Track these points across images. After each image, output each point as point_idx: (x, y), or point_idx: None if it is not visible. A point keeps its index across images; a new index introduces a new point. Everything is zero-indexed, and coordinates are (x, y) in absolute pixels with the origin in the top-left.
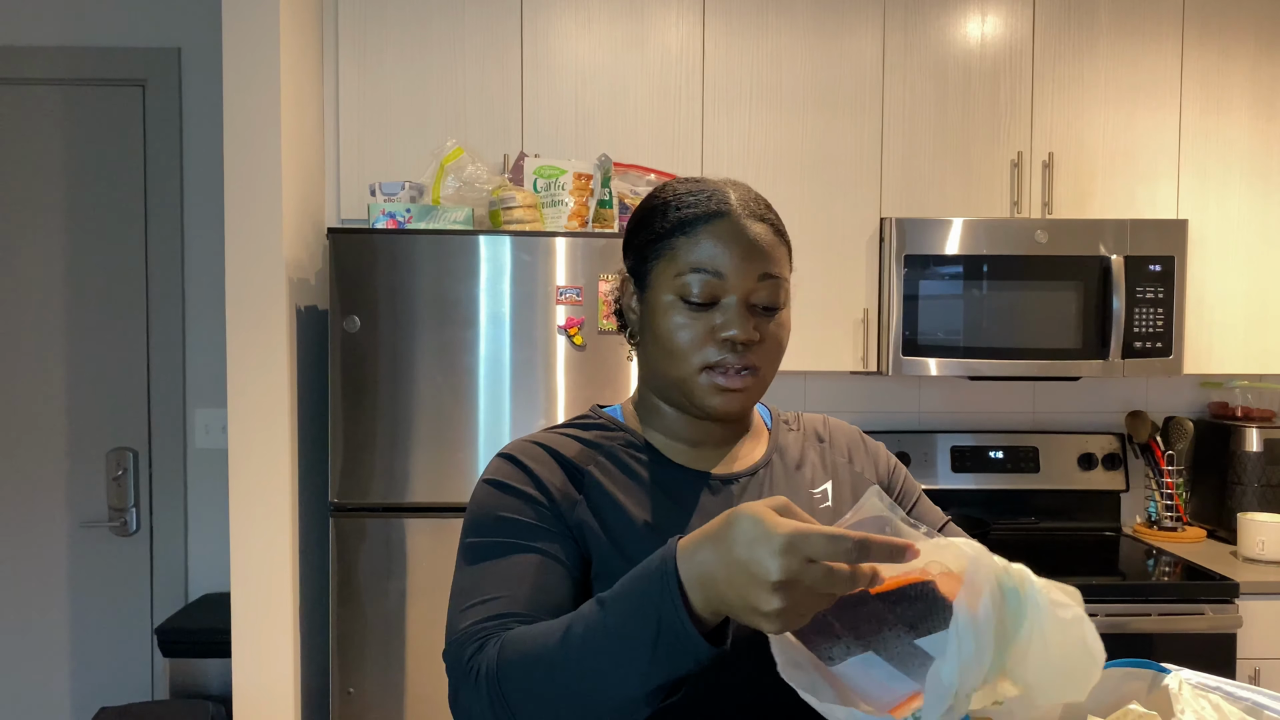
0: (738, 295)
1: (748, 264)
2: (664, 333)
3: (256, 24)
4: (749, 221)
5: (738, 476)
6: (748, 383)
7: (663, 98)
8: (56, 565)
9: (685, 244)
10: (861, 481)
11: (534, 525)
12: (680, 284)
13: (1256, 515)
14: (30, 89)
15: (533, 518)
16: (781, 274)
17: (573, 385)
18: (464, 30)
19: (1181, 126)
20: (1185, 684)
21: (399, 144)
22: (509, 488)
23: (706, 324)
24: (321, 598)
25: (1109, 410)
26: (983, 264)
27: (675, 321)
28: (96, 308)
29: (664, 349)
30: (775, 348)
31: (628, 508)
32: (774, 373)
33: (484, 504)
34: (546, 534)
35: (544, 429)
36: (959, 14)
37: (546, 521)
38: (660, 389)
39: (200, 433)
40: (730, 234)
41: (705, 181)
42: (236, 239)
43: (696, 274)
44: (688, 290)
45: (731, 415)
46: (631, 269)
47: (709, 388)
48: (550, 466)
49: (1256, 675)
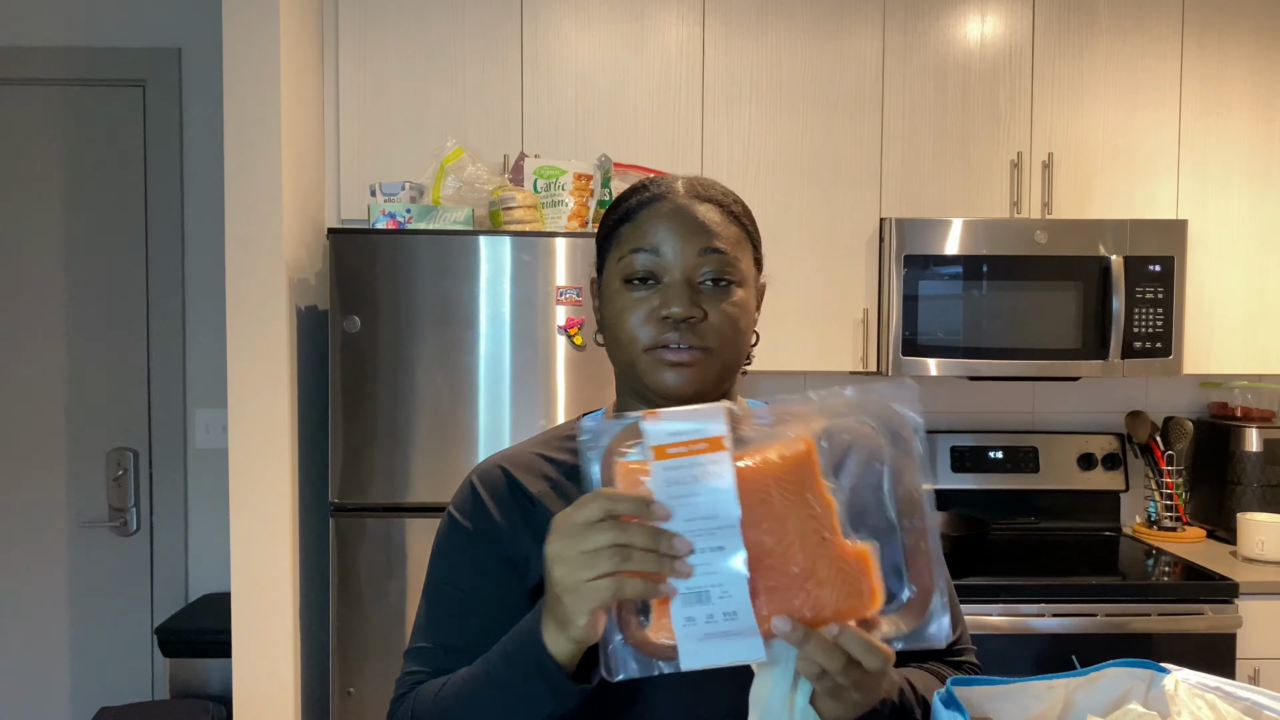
0: (680, 272)
1: (688, 241)
2: (612, 319)
3: (256, 24)
4: (692, 202)
5: None
6: (696, 357)
7: (662, 98)
8: (56, 565)
9: (629, 230)
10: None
11: (470, 564)
12: (623, 266)
13: (1256, 515)
14: (30, 89)
15: (478, 557)
16: (730, 250)
17: (573, 385)
18: (464, 30)
19: (1181, 126)
20: (1182, 684)
21: (399, 144)
22: (457, 526)
23: (649, 304)
24: (321, 598)
25: (1109, 410)
26: (982, 264)
27: (620, 305)
28: (96, 308)
29: (614, 337)
30: (728, 326)
31: None
32: (735, 354)
33: (439, 537)
34: (486, 575)
35: (522, 441)
36: (959, 14)
37: (482, 560)
38: (625, 383)
39: (200, 433)
40: (670, 213)
41: (660, 177)
42: (236, 239)
43: (635, 253)
44: (630, 269)
45: (688, 394)
46: (596, 268)
47: (656, 363)
48: (501, 496)
49: (1256, 675)
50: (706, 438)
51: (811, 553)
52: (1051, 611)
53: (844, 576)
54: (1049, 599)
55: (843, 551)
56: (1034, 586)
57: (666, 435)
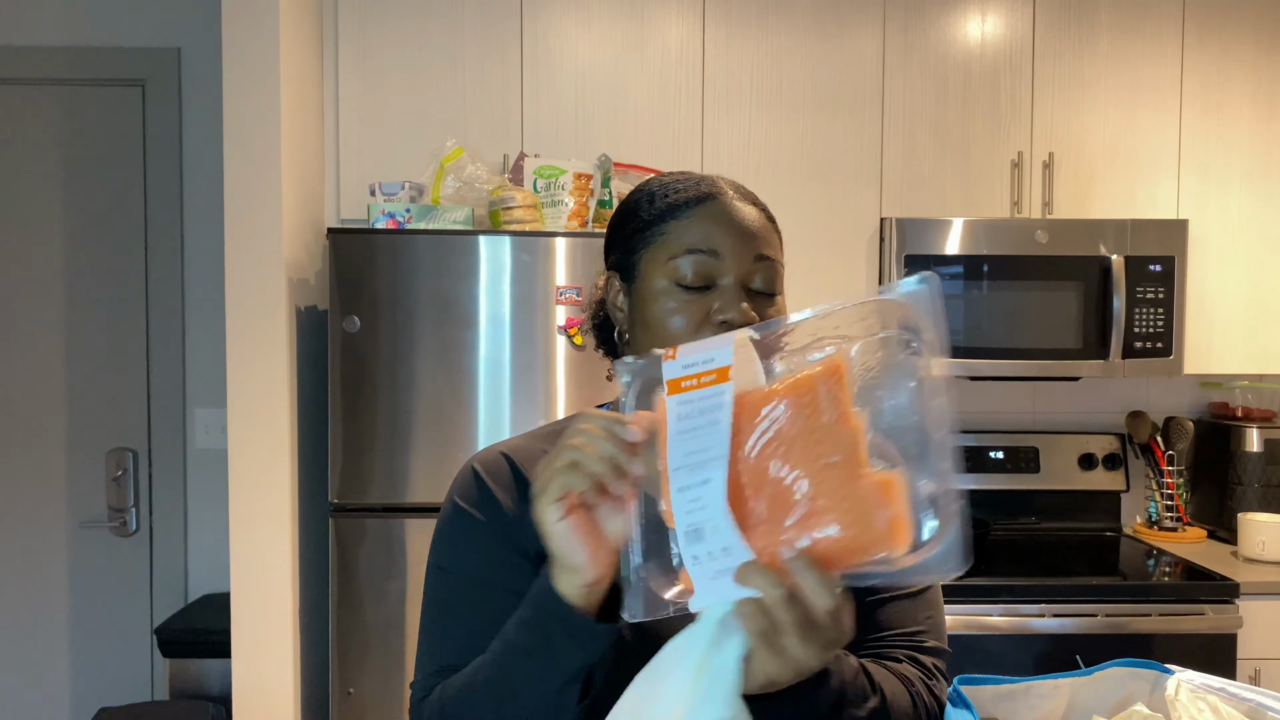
0: (734, 276)
1: (743, 245)
2: (656, 320)
3: (256, 24)
4: (741, 204)
5: None
6: None
7: (662, 98)
8: (56, 565)
9: (676, 227)
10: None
11: (482, 555)
12: (673, 267)
13: (1257, 515)
14: (30, 89)
15: (490, 546)
16: (777, 258)
17: (573, 385)
18: (464, 30)
19: (1181, 126)
20: (1183, 687)
21: (399, 144)
22: (463, 513)
23: (702, 307)
24: (321, 598)
25: (1109, 410)
26: (983, 264)
27: (668, 307)
28: (96, 308)
29: (656, 337)
30: None
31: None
32: None
33: (442, 526)
34: (494, 562)
35: (520, 434)
36: (959, 14)
37: (494, 549)
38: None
39: (200, 433)
40: (724, 215)
41: (690, 172)
42: (236, 239)
43: (691, 255)
44: (681, 273)
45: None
46: (616, 264)
47: None
48: (506, 483)
49: (1257, 675)
50: (715, 368)
51: (820, 480)
52: (1052, 612)
53: (857, 506)
54: (1049, 599)
55: (859, 479)
56: (1034, 587)
57: (680, 369)
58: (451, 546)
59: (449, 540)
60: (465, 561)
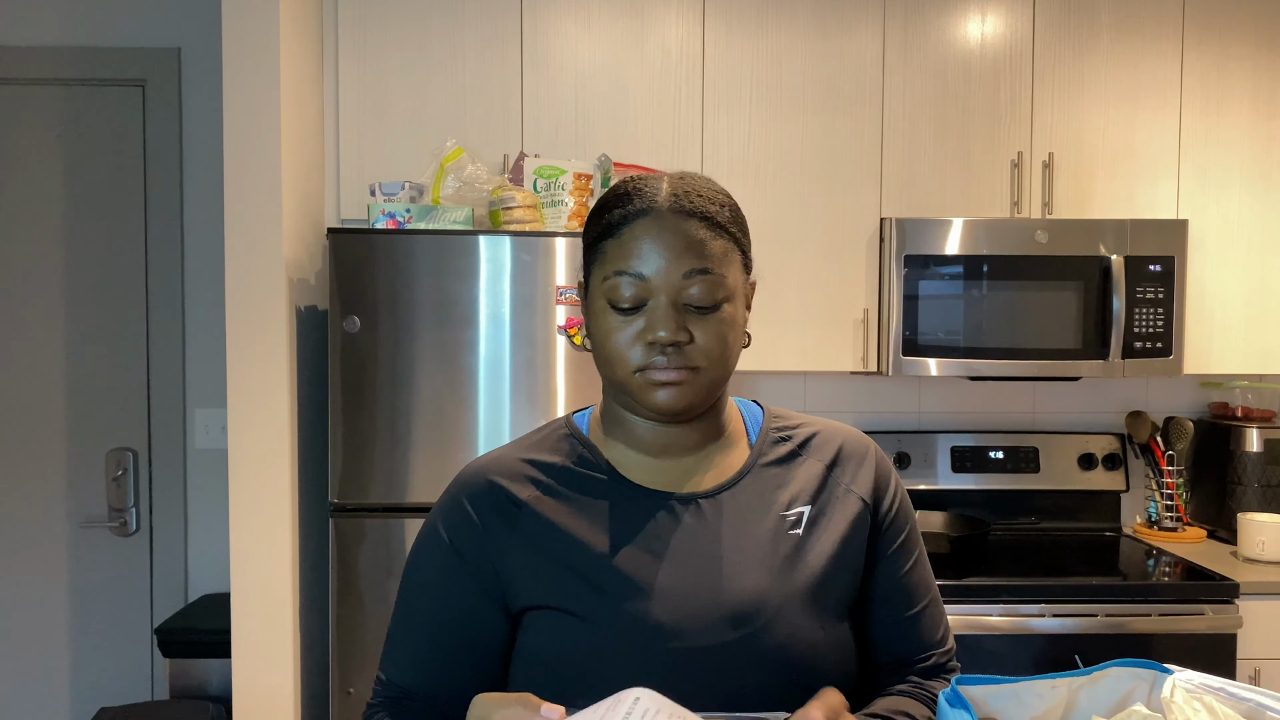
0: (665, 296)
1: (673, 263)
2: (599, 337)
3: (256, 24)
4: (677, 218)
5: (699, 496)
6: (684, 376)
7: (662, 97)
8: (56, 565)
9: (612, 247)
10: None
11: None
12: (609, 287)
13: (1256, 515)
14: (30, 89)
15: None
16: (717, 269)
17: (573, 385)
18: (463, 30)
19: (1181, 126)
20: (1179, 689)
21: (399, 144)
22: (437, 538)
23: (635, 327)
24: (321, 598)
25: (1109, 410)
26: (983, 264)
27: (606, 327)
28: (96, 308)
29: (601, 354)
30: (716, 345)
31: (576, 535)
32: (724, 369)
33: (418, 544)
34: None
35: (509, 442)
36: (959, 14)
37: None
38: (611, 392)
39: (200, 433)
40: (654, 232)
41: (645, 179)
42: (236, 239)
43: (619, 277)
44: (616, 294)
45: (678, 410)
46: (582, 275)
47: (645, 385)
48: (485, 506)
49: (1257, 675)
50: None
51: None
52: (1052, 612)
53: None
54: (1049, 599)
55: None
56: (1034, 587)
57: None
58: (419, 570)
59: (418, 564)
60: (431, 589)
